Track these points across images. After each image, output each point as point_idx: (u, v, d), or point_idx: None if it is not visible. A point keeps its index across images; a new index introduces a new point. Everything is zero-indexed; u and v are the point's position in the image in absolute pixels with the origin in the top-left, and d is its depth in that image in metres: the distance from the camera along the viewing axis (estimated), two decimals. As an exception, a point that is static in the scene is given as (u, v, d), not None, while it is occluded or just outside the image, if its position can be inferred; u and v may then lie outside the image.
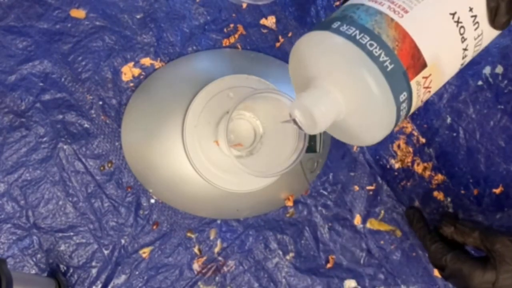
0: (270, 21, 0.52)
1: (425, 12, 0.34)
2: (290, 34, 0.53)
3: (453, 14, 0.34)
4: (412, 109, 0.36)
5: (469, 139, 0.54)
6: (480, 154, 0.54)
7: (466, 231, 0.45)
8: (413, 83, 0.34)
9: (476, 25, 0.36)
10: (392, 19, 0.34)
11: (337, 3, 0.53)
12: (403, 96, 0.34)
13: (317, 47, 0.35)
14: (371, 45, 0.33)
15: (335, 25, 0.34)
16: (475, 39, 0.36)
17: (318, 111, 0.35)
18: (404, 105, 0.34)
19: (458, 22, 0.35)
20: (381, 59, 0.33)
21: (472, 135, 0.54)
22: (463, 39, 0.35)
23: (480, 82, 0.55)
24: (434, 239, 0.46)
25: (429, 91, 0.36)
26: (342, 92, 0.35)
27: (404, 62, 0.33)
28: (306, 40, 0.36)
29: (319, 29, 0.35)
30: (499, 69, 0.55)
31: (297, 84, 0.40)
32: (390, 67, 0.33)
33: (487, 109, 0.54)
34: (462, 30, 0.35)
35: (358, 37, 0.33)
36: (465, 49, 0.36)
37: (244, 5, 0.52)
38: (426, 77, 0.34)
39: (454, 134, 0.54)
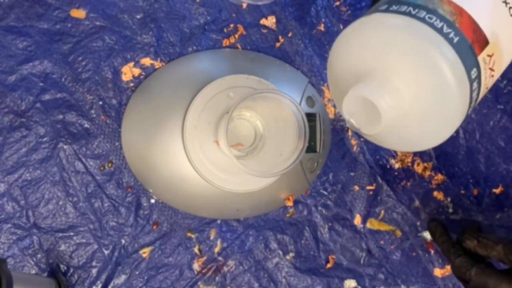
0: (270, 21, 0.52)
1: None
2: (290, 34, 0.53)
3: None
4: (480, 95, 0.32)
5: (469, 139, 0.54)
6: (480, 154, 0.54)
7: (490, 245, 0.44)
8: (480, 59, 0.30)
9: None
10: None
11: (337, 3, 0.53)
12: (474, 73, 0.30)
13: (366, 33, 0.31)
14: (430, 18, 0.29)
15: (383, 7, 0.31)
16: None
17: (383, 102, 0.29)
18: (475, 84, 0.30)
19: (505, 2, 0.32)
20: (445, 30, 0.29)
21: (472, 135, 0.54)
22: None
23: (480, 82, 0.55)
24: (458, 252, 0.46)
25: (493, 75, 0.32)
26: (404, 79, 0.30)
27: (468, 35, 0.30)
28: (352, 29, 0.32)
29: (365, 16, 0.32)
30: (499, 69, 0.55)
31: (339, 89, 0.35)
32: (456, 39, 0.29)
33: (486, 109, 0.55)
34: None
35: (413, 12, 0.29)
36: None
37: (244, 5, 0.52)
38: (490, 56, 0.31)
39: (454, 134, 0.54)
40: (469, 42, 0.30)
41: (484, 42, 0.30)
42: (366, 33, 0.31)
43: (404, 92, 0.30)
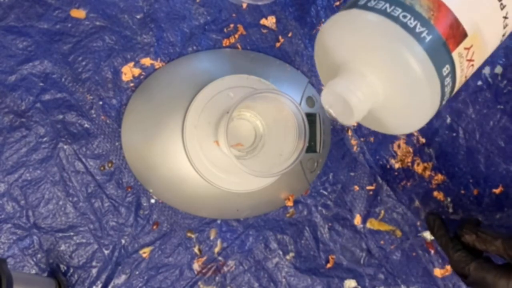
0: (270, 21, 0.52)
1: None
2: (290, 34, 0.53)
3: None
4: (457, 86, 0.33)
5: (469, 139, 0.54)
6: (480, 154, 0.54)
7: (488, 239, 0.44)
8: (454, 54, 0.31)
9: None
10: None
11: (337, 3, 0.53)
12: (446, 70, 0.31)
13: (344, 27, 0.32)
14: (404, 16, 0.30)
15: (362, 1, 0.32)
16: None
17: (354, 98, 0.31)
18: (448, 79, 0.31)
19: None
20: (417, 30, 0.30)
21: (472, 135, 0.54)
22: (502, 6, 0.32)
23: (479, 82, 0.55)
24: (457, 247, 0.46)
25: (473, 65, 0.33)
26: (378, 74, 0.32)
27: (442, 32, 0.30)
28: (332, 22, 0.33)
29: (345, 9, 0.33)
30: (498, 69, 0.55)
31: (325, 74, 0.37)
32: (428, 38, 0.30)
33: (486, 109, 0.55)
34: None
35: (389, 10, 0.30)
36: (505, 17, 0.33)
37: (244, 5, 0.52)
38: (468, 48, 0.32)
39: (454, 134, 0.54)
40: (443, 39, 0.30)
41: (461, 36, 0.31)
42: (343, 28, 0.33)
43: (378, 86, 0.32)
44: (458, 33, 0.31)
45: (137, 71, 0.50)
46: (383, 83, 0.32)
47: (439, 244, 0.48)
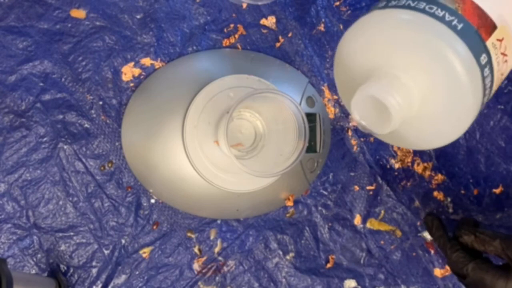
0: (270, 21, 0.52)
1: None
2: (290, 34, 0.53)
3: None
4: (495, 84, 0.31)
5: (469, 139, 0.54)
6: (480, 154, 0.54)
7: (487, 240, 0.44)
8: (489, 44, 0.29)
9: None
10: None
11: (337, 3, 0.53)
12: (483, 59, 0.29)
13: (369, 31, 0.31)
14: (430, 8, 0.28)
15: (382, 4, 0.30)
16: None
17: (393, 100, 0.28)
18: (486, 70, 0.29)
19: None
20: (447, 18, 0.28)
21: (472, 135, 0.54)
22: None
23: (480, 82, 0.55)
24: (455, 248, 0.46)
25: (506, 60, 0.31)
26: (413, 73, 0.29)
27: (472, 21, 0.29)
28: (355, 29, 0.32)
29: (365, 14, 0.31)
30: (499, 69, 0.55)
31: (347, 86, 0.34)
32: (459, 26, 0.28)
33: (487, 109, 0.54)
34: None
35: (413, 4, 0.29)
36: None
37: (244, 5, 0.52)
38: (500, 40, 0.30)
39: (454, 134, 0.54)
40: (475, 28, 0.28)
41: (491, 26, 0.29)
42: (368, 33, 0.31)
43: (413, 88, 0.29)
44: (487, 23, 0.29)
45: (137, 71, 0.50)
46: (418, 83, 0.29)
47: (437, 244, 0.48)
